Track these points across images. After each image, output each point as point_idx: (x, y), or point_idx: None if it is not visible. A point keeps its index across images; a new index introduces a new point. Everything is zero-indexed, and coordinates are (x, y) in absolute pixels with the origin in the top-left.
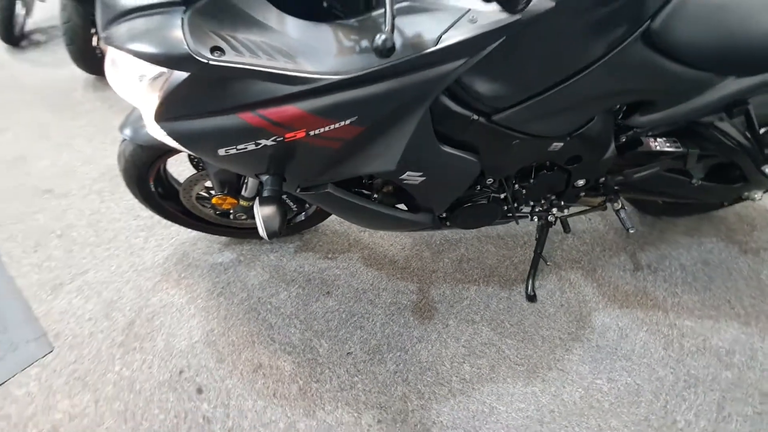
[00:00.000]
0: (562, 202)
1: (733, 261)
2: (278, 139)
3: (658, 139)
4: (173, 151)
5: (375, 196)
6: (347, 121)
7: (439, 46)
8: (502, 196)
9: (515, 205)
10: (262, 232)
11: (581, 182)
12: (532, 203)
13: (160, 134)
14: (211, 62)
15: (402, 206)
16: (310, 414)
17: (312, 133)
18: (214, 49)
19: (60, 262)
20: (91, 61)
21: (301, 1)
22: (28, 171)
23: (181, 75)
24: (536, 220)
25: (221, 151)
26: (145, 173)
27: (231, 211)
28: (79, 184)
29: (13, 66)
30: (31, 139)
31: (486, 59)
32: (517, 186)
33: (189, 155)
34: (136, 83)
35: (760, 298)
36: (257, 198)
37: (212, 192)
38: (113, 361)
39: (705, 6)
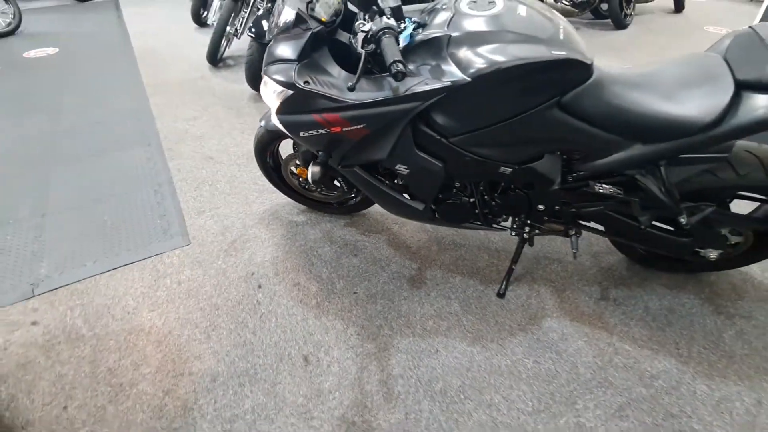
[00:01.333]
0: (530, 222)
1: (701, 317)
2: (328, 131)
3: (604, 185)
4: (284, 137)
5: (387, 181)
6: (361, 125)
7: (405, 94)
8: (472, 200)
9: (488, 213)
10: (309, 178)
11: (541, 207)
12: (507, 218)
13: (277, 122)
14: (302, 87)
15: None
16: (318, 317)
17: (344, 129)
18: (306, 82)
19: (205, 199)
20: (256, 82)
21: (351, 62)
22: (203, 145)
23: (290, 92)
24: (513, 234)
25: (302, 133)
26: (265, 149)
27: (302, 180)
28: (228, 158)
29: (212, 79)
30: (210, 126)
31: (438, 104)
32: (487, 197)
33: (293, 142)
34: (272, 95)
35: (711, 350)
36: (312, 161)
37: (299, 165)
38: (219, 258)
39: (609, 89)
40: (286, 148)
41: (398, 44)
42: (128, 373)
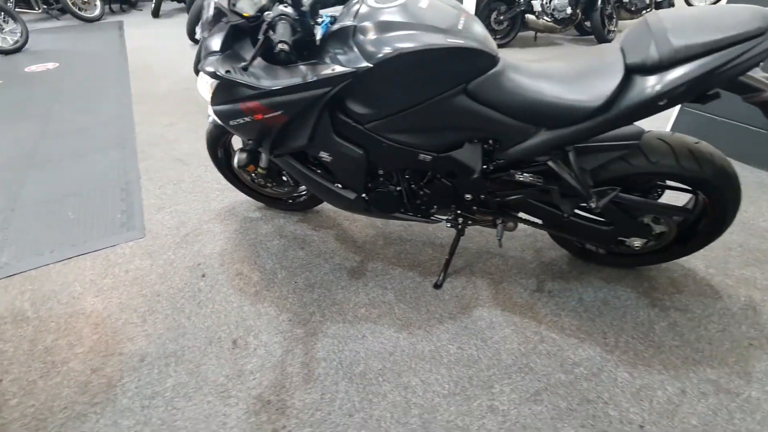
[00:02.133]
0: (461, 213)
1: (635, 309)
2: (252, 118)
3: (525, 173)
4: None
5: (318, 170)
6: (279, 112)
7: (313, 80)
8: (398, 189)
9: (420, 204)
10: (235, 164)
11: (468, 196)
12: (440, 208)
13: (212, 113)
14: (223, 76)
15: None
16: (254, 304)
17: (264, 116)
18: (227, 71)
19: (168, 197)
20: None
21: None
22: (175, 148)
23: (216, 82)
24: (448, 225)
25: (232, 122)
26: (216, 144)
27: (252, 175)
28: (197, 160)
29: (197, 90)
30: (185, 131)
31: (351, 91)
32: (414, 187)
33: None
34: (206, 86)
35: (640, 340)
36: (240, 148)
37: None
38: (169, 250)
39: (512, 77)
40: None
41: (294, 30)
42: (63, 351)
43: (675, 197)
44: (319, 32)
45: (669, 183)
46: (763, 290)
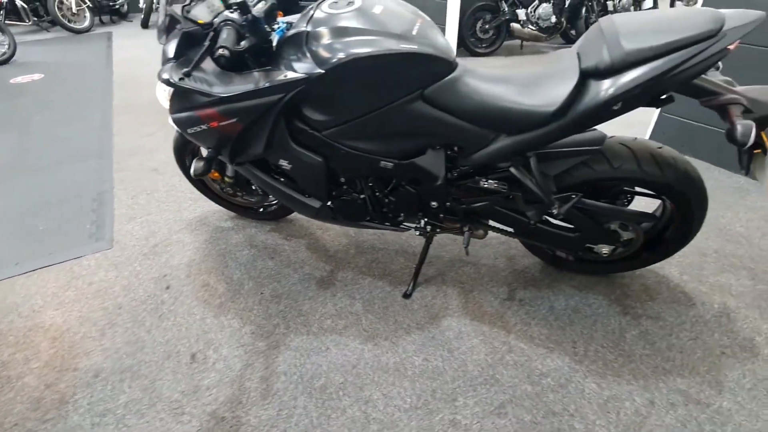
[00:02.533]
0: (428, 220)
1: (606, 317)
2: (208, 126)
3: (490, 180)
4: None
5: (282, 178)
6: (234, 119)
7: (265, 86)
8: (362, 197)
9: (387, 212)
10: (192, 173)
11: (434, 204)
12: (407, 216)
13: (171, 122)
14: (176, 84)
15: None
16: (217, 316)
17: (220, 124)
18: (181, 78)
19: (140, 207)
20: None
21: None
22: (151, 158)
23: (171, 90)
24: (417, 233)
25: (190, 130)
26: (183, 152)
27: (221, 185)
28: (172, 169)
29: None
30: (163, 141)
31: (306, 97)
32: (378, 194)
33: None
34: (164, 94)
35: (610, 349)
36: (197, 157)
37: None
38: (136, 261)
39: (470, 83)
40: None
41: (240, 36)
42: (19, 366)
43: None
44: (275, 38)
45: (638, 189)
46: (737, 297)
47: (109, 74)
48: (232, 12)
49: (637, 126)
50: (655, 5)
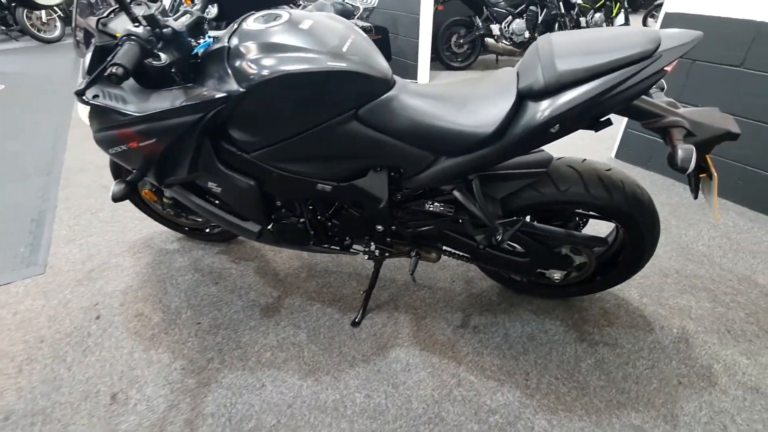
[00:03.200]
0: (377, 245)
1: (562, 344)
2: (128, 146)
3: (436, 203)
4: None
5: (217, 202)
6: (153, 140)
7: (183, 105)
8: (302, 220)
9: (333, 236)
10: (111, 197)
11: (380, 227)
12: (353, 240)
13: (95, 140)
14: (89, 102)
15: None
16: (147, 350)
17: (140, 145)
18: (95, 96)
19: (81, 228)
20: None
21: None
22: (102, 175)
23: (88, 108)
24: (366, 257)
25: (111, 151)
26: (118, 171)
27: (162, 205)
28: None
29: None
30: None
31: (230, 117)
32: (320, 217)
33: None
34: (83, 112)
35: (563, 380)
36: (119, 179)
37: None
38: (68, 288)
39: (407, 103)
40: None
41: (145, 53)
42: None
43: (602, 227)
44: (201, 53)
45: (592, 212)
46: (697, 320)
47: (74, 85)
48: (137, 26)
49: (606, 141)
50: (627, 22)
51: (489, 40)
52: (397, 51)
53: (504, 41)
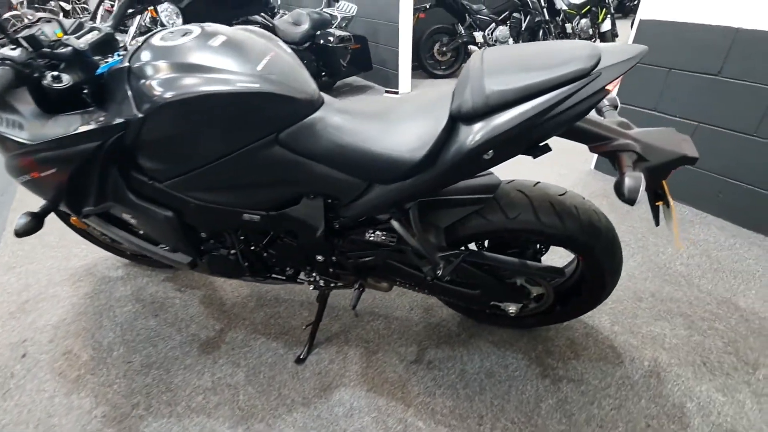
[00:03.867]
0: (319, 275)
1: (523, 381)
2: (31, 176)
3: (377, 232)
4: None
5: (141, 232)
6: (53, 170)
7: (78, 133)
8: (233, 251)
9: (271, 266)
10: (14, 231)
11: (320, 258)
12: (293, 269)
13: None
14: None
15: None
16: (69, 394)
17: (41, 174)
18: None
19: (23, 254)
20: None
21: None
22: None
23: None
24: (312, 288)
25: (20, 179)
26: None
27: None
28: None
29: None
30: None
31: (135, 144)
32: (254, 248)
33: None
34: None
35: (521, 425)
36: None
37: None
38: None
39: (334, 126)
40: None
41: (22, 78)
42: None
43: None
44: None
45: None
46: (670, 350)
47: None
48: (13, 49)
49: (586, 152)
50: (614, 28)
51: (472, 48)
52: (378, 60)
53: None
